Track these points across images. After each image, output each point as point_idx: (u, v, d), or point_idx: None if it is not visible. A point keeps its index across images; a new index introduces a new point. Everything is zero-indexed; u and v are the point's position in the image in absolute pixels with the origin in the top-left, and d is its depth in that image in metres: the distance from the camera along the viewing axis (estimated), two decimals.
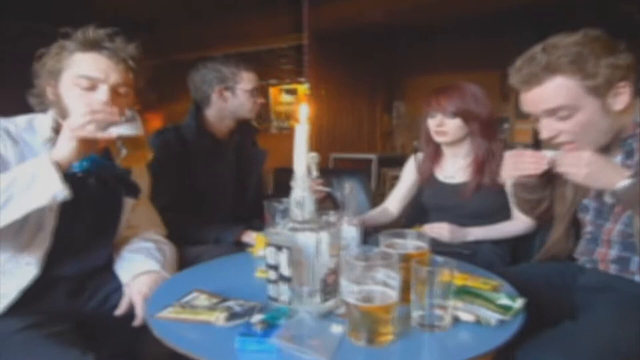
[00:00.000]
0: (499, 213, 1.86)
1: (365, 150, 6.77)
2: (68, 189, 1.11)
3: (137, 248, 1.43)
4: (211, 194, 1.98)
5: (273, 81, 6.65)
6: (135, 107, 1.29)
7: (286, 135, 6.24)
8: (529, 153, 1.32)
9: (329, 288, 1.00)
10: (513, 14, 5.15)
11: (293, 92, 6.68)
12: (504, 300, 1.03)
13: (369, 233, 1.87)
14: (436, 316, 0.94)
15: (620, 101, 1.20)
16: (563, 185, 1.43)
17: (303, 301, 0.99)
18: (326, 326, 0.94)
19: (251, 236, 1.83)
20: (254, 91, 2.03)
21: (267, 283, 1.05)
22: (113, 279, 1.36)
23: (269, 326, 0.91)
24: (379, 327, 0.88)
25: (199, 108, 2.04)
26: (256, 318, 0.94)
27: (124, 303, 1.27)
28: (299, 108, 1.03)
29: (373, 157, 6.14)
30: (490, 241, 1.83)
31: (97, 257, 1.41)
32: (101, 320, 1.31)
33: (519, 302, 1.02)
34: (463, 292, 1.05)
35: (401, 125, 7.47)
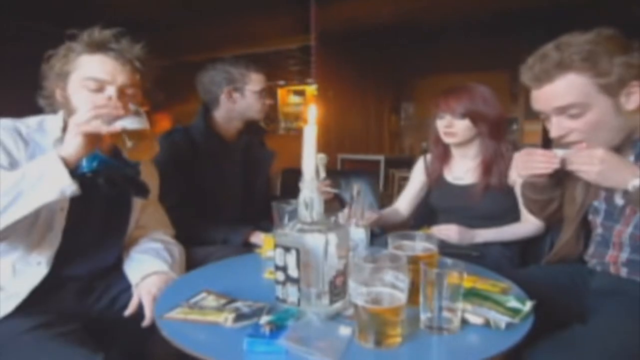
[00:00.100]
0: (508, 215, 1.85)
1: (373, 151, 6.77)
2: (76, 185, 1.12)
3: (146, 249, 1.43)
4: (219, 195, 1.98)
5: (281, 82, 6.67)
6: (143, 108, 1.30)
7: (294, 136, 6.26)
8: (540, 152, 1.31)
9: (337, 290, 1.00)
10: (522, 15, 5.13)
11: (301, 93, 6.70)
12: (513, 303, 1.02)
13: (376, 234, 1.87)
14: (445, 319, 0.94)
15: (632, 101, 1.18)
16: (573, 187, 1.42)
17: (311, 303, 0.99)
18: (334, 328, 0.93)
19: (259, 237, 1.83)
20: (263, 92, 2.03)
21: (275, 284, 1.05)
22: (122, 279, 1.37)
23: (277, 327, 0.91)
24: (387, 329, 0.88)
25: (208, 109, 2.05)
26: (264, 319, 0.94)
27: (133, 303, 1.28)
28: (308, 109, 1.02)
29: (381, 158, 6.13)
30: (499, 243, 1.82)
31: (107, 257, 1.42)
32: (110, 320, 1.32)
33: (528, 305, 1.01)
34: (472, 295, 1.04)
35: (409, 126, 7.45)
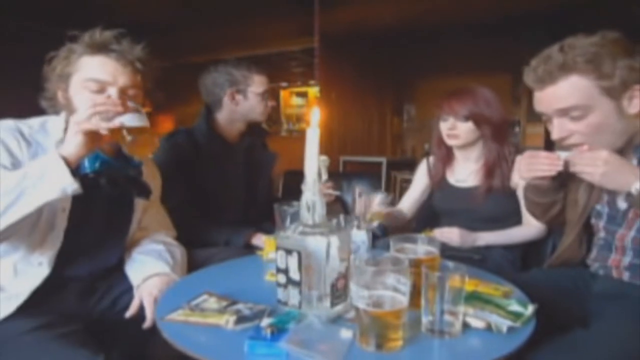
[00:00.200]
0: (510, 218, 1.85)
1: (375, 153, 6.76)
2: (78, 183, 1.12)
3: (148, 250, 1.43)
4: (221, 197, 1.98)
5: (284, 84, 6.67)
6: (145, 109, 1.30)
7: (296, 137, 6.26)
8: (544, 154, 1.30)
9: (339, 292, 1.00)
10: (524, 17, 5.12)
11: (303, 95, 6.70)
12: (515, 306, 1.02)
13: (377, 237, 1.87)
14: (446, 322, 0.93)
15: (635, 104, 1.18)
16: (575, 190, 1.41)
17: (312, 305, 0.99)
18: (335, 331, 0.93)
19: (261, 239, 1.83)
20: (265, 94, 2.04)
21: (277, 286, 1.05)
22: (124, 281, 1.37)
23: (278, 330, 0.91)
24: (389, 333, 0.88)
25: (210, 111, 2.05)
26: (265, 322, 0.94)
27: (135, 305, 1.28)
28: (310, 111, 1.02)
29: (383, 160, 6.12)
30: (501, 246, 1.82)
31: (108, 258, 1.42)
32: (111, 321, 1.32)
33: (530, 309, 1.01)
34: (473, 298, 1.04)
35: (411, 128, 7.45)
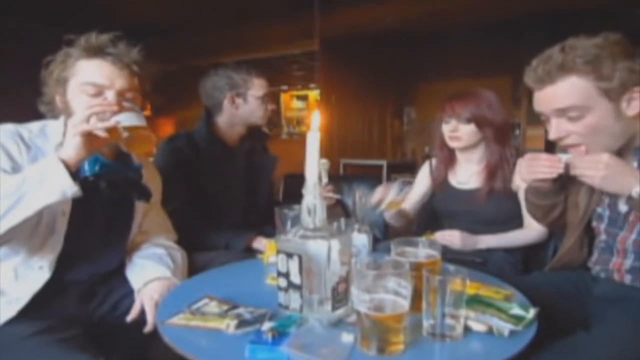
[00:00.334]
0: (512, 221, 1.85)
1: (375, 156, 6.76)
2: (77, 186, 1.12)
3: (148, 254, 1.43)
4: (222, 200, 1.98)
5: (284, 87, 6.67)
6: (144, 112, 1.30)
7: (297, 141, 6.26)
8: (545, 156, 1.31)
9: (340, 296, 1.00)
10: (525, 20, 5.13)
11: (304, 98, 6.70)
12: (517, 310, 1.02)
13: (378, 240, 1.87)
14: (448, 326, 0.93)
15: (634, 106, 1.18)
16: (576, 193, 1.41)
17: (313, 309, 0.99)
18: (336, 335, 0.93)
19: (262, 242, 1.83)
20: (265, 97, 2.04)
21: (278, 290, 1.05)
22: (124, 284, 1.37)
23: (279, 334, 0.91)
24: (390, 337, 0.87)
25: (210, 114, 2.05)
26: (266, 326, 0.94)
27: (135, 309, 1.28)
28: (311, 115, 1.02)
29: (383, 163, 6.12)
30: (502, 249, 1.82)
31: (109, 262, 1.42)
32: (112, 325, 1.32)
33: (532, 313, 1.01)
34: (475, 302, 1.04)
35: (412, 131, 7.45)
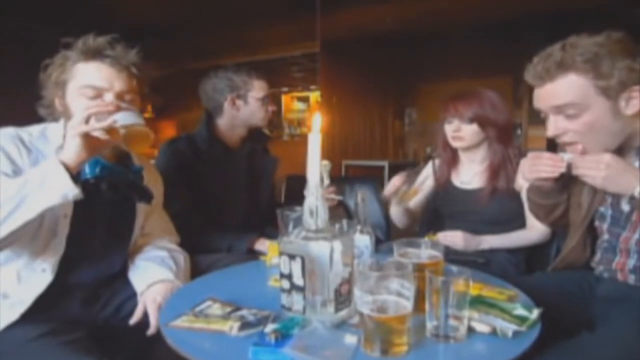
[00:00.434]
0: (515, 221, 1.84)
1: (377, 157, 6.77)
2: (79, 188, 1.13)
3: (151, 257, 1.43)
4: (223, 202, 1.98)
5: (285, 89, 6.68)
6: (144, 115, 1.30)
7: (298, 142, 6.26)
8: (547, 155, 1.31)
9: (343, 298, 0.99)
10: (525, 21, 5.13)
11: (305, 100, 6.71)
12: (520, 310, 1.01)
13: (380, 241, 1.86)
14: (451, 327, 0.93)
15: (632, 105, 1.18)
16: (579, 192, 1.41)
17: (316, 311, 0.99)
18: (340, 336, 0.93)
19: (264, 244, 1.82)
20: (266, 99, 2.04)
21: (280, 292, 1.04)
22: (127, 287, 1.37)
23: (282, 336, 0.90)
24: (393, 338, 0.87)
25: (211, 117, 2.05)
26: (269, 328, 0.94)
27: (138, 312, 1.28)
28: (312, 116, 1.02)
29: (385, 164, 6.12)
30: (505, 249, 1.81)
31: (112, 265, 1.42)
32: (115, 328, 1.31)
33: (535, 313, 1.01)
34: (478, 302, 1.03)
35: (413, 131, 7.46)
